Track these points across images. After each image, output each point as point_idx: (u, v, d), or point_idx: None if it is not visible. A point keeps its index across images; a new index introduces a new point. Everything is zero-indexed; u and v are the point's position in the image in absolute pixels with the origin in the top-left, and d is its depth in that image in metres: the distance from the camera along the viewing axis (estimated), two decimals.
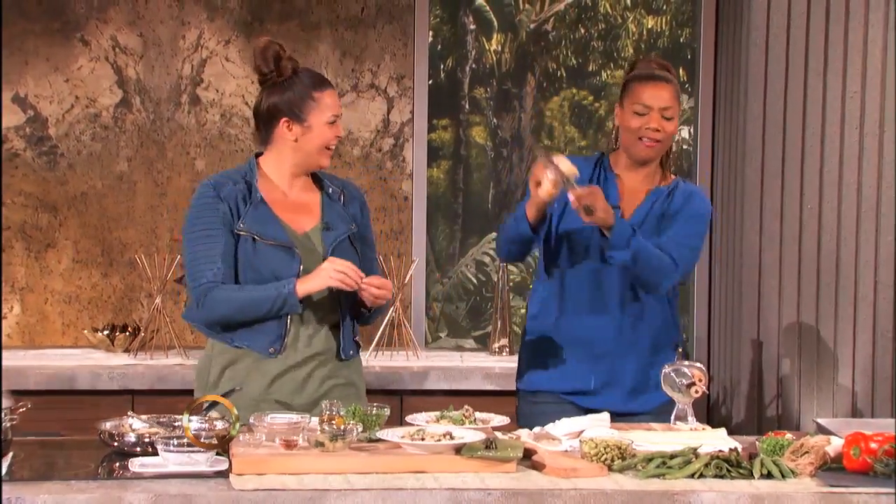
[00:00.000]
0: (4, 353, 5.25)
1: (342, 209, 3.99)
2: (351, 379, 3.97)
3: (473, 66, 5.96)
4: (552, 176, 3.84)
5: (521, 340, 4.25)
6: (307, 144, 3.89)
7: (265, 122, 3.91)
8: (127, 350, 5.30)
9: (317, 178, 4.01)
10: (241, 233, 3.84)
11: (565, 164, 3.88)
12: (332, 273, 3.76)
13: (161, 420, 3.59)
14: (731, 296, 5.29)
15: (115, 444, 3.49)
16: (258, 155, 3.97)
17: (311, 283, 3.79)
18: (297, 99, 3.87)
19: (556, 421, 3.65)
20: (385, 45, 5.61)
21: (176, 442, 3.30)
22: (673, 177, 4.18)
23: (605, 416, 3.73)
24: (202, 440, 3.31)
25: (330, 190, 4.00)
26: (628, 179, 4.14)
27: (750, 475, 3.27)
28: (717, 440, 3.56)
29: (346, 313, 3.94)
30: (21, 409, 3.39)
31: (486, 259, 6.09)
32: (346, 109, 5.63)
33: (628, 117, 4.09)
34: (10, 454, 3.28)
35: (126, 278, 5.61)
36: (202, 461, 3.27)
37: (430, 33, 5.74)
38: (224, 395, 3.68)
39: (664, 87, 4.08)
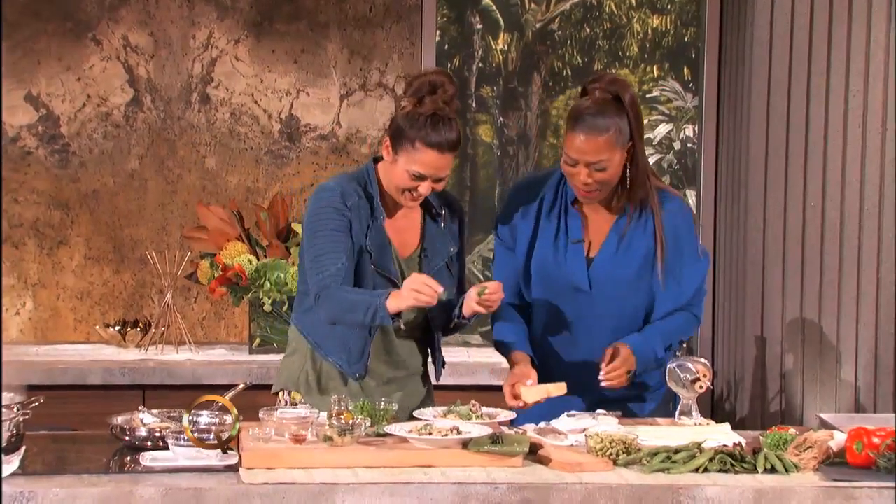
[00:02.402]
0: (17, 349, 5.29)
1: (444, 231, 3.90)
2: (431, 395, 3.98)
3: (480, 65, 5.98)
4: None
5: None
6: (391, 175, 3.78)
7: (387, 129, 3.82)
8: (138, 345, 5.33)
9: None
10: (367, 251, 3.78)
11: (549, 391, 3.75)
12: (407, 292, 3.63)
13: (172, 415, 3.60)
14: (735, 292, 5.31)
15: (127, 438, 3.51)
16: (376, 160, 3.87)
17: (399, 301, 3.66)
18: (405, 133, 3.72)
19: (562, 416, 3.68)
20: (393, 44, 5.63)
21: (186, 436, 3.32)
22: (636, 195, 3.90)
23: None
24: (210, 436, 3.34)
25: (433, 210, 3.89)
26: (589, 206, 3.92)
27: (754, 469, 3.28)
28: (721, 435, 3.56)
29: (439, 336, 3.92)
30: (33, 405, 3.42)
31: (491, 256, 6.11)
32: (354, 108, 5.66)
33: (563, 158, 3.84)
34: (23, 448, 3.31)
35: (137, 274, 5.64)
36: (212, 455, 3.28)
37: (438, 33, 5.76)
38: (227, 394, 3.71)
39: (595, 140, 3.75)
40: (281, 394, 3.73)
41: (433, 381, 4.01)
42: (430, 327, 3.92)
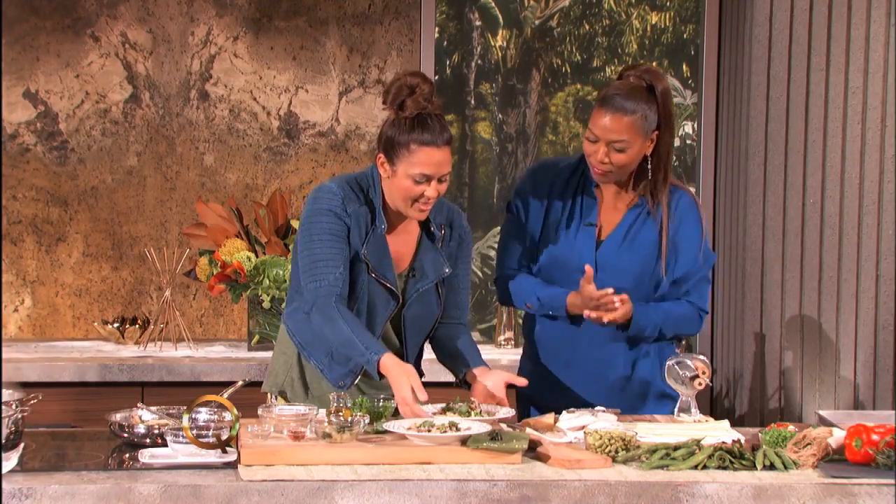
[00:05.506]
0: (16, 346, 5.29)
1: (438, 252, 3.84)
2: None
3: (479, 62, 5.98)
4: None
5: (526, 348, 4.17)
6: (393, 189, 3.72)
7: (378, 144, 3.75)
8: (137, 342, 5.33)
9: None
10: (364, 260, 3.72)
11: None
12: (402, 381, 3.57)
13: (170, 412, 3.59)
14: (734, 289, 5.31)
15: (126, 435, 3.51)
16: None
17: (392, 376, 3.59)
18: (396, 140, 3.66)
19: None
20: (392, 41, 5.63)
21: (185, 436, 3.32)
22: (655, 187, 3.95)
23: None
24: (209, 433, 3.34)
25: (432, 228, 3.83)
26: (607, 191, 3.98)
27: (753, 466, 3.28)
28: (720, 432, 3.56)
29: (413, 354, 3.89)
30: (32, 402, 3.42)
31: (491, 253, 6.12)
32: (353, 105, 5.66)
33: (586, 134, 3.89)
34: (22, 445, 3.30)
35: (136, 271, 5.64)
36: (211, 452, 3.29)
37: (437, 29, 5.76)
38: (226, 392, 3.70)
39: (620, 120, 3.80)
40: (269, 396, 3.73)
41: None
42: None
